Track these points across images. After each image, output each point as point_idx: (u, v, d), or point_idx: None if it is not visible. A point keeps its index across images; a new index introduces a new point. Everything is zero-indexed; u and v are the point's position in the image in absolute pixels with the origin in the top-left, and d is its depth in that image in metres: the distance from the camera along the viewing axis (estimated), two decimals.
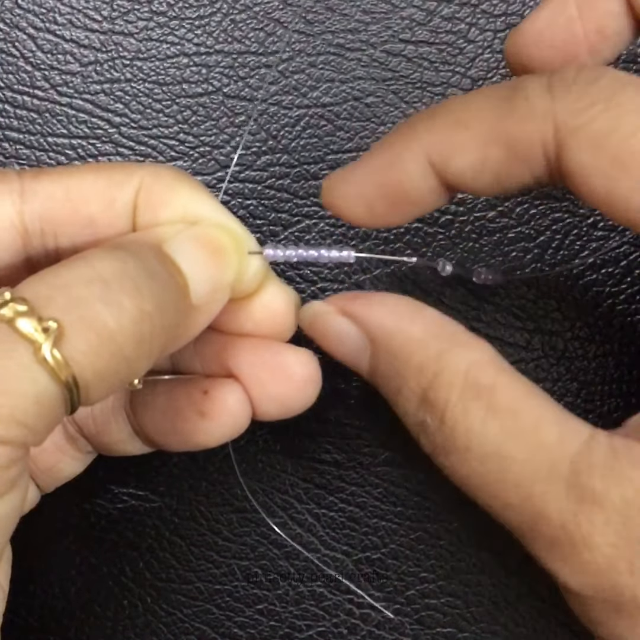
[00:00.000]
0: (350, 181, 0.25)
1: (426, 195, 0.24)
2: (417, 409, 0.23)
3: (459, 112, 0.23)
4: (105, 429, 0.28)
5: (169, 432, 0.27)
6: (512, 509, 0.22)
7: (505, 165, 0.23)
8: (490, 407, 0.22)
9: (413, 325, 0.24)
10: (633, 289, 0.31)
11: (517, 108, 0.22)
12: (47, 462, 0.28)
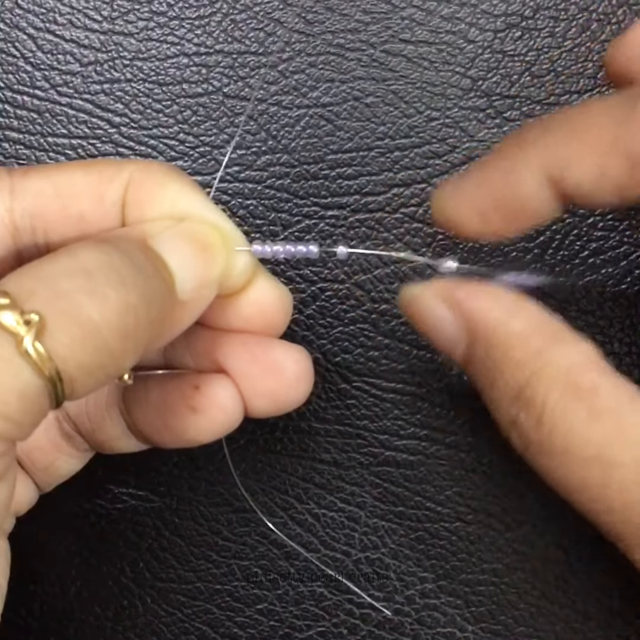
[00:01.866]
0: (464, 193, 0.24)
1: (542, 207, 0.24)
2: (511, 404, 0.23)
3: (576, 121, 0.23)
4: (100, 426, 0.28)
5: (161, 428, 0.27)
6: (615, 514, 0.21)
7: (627, 175, 0.22)
8: (593, 409, 0.21)
9: (515, 319, 0.23)
10: (633, 289, 0.31)
11: (637, 117, 0.22)
12: (44, 460, 0.28)
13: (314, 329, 0.32)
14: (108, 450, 0.29)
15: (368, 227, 0.32)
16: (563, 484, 0.22)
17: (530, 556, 0.32)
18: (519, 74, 0.31)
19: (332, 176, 0.32)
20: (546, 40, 0.31)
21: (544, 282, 0.26)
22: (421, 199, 0.32)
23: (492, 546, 0.32)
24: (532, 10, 0.31)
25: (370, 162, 0.32)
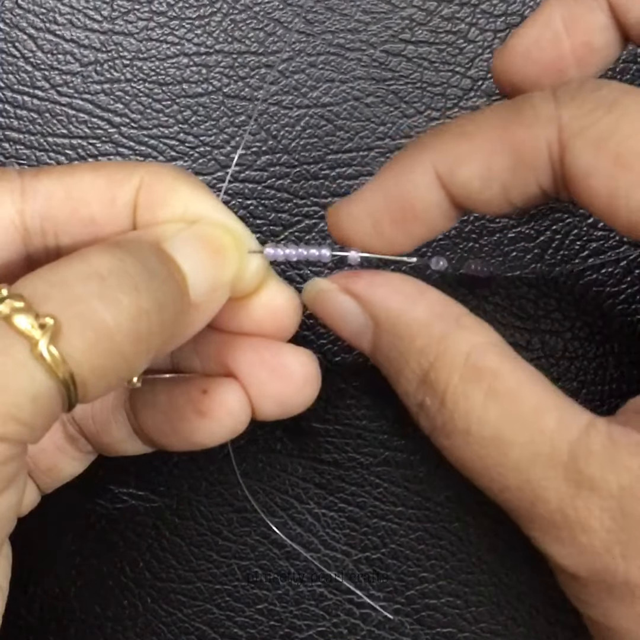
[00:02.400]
0: (355, 201, 0.25)
1: (433, 210, 0.24)
2: (417, 389, 0.23)
3: (465, 125, 0.24)
4: (105, 429, 0.28)
5: (168, 432, 0.27)
6: (511, 491, 0.22)
7: (511, 173, 0.23)
8: (491, 390, 0.22)
9: (416, 306, 0.24)
10: (633, 289, 0.31)
11: (522, 115, 0.23)
12: (48, 462, 0.28)
13: (314, 329, 0.32)
14: (112, 453, 0.29)
15: None
16: (464, 465, 0.23)
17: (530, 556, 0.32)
18: None
19: (332, 176, 0.32)
20: None
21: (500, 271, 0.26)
22: None
23: (492, 546, 0.32)
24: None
25: (370, 162, 0.32)
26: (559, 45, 0.26)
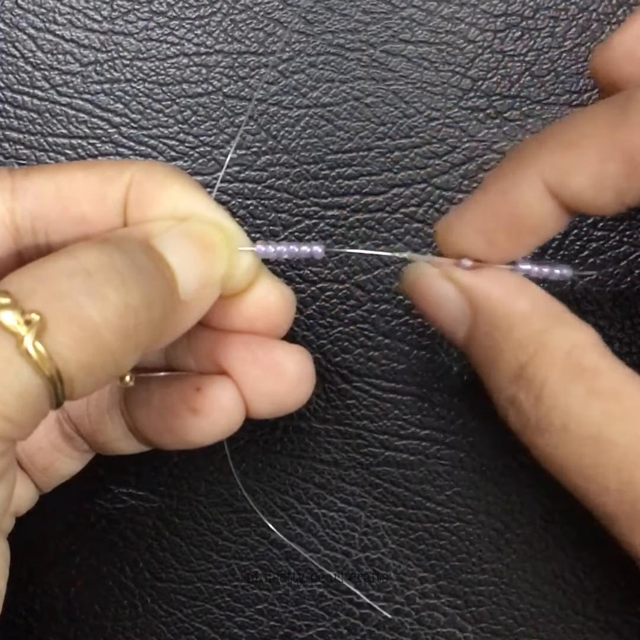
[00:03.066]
0: (465, 218, 0.24)
1: (546, 220, 0.24)
2: (511, 383, 0.23)
3: (569, 131, 0.23)
4: (101, 427, 0.28)
5: (162, 430, 0.27)
6: (610, 494, 0.21)
7: (625, 179, 0.22)
8: (593, 389, 0.22)
9: (519, 299, 0.24)
10: (633, 289, 0.31)
11: (629, 117, 0.22)
12: (44, 461, 0.28)
13: (314, 329, 0.32)
14: (108, 452, 0.29)
15: (368, 227, 0.32)
16: (559, 463, 0.22)
17: (530, 556, 0.32)
18: (519, 74, 0.31)
19: (332, 176, 0.32)
20: (546, 40, 0.31)
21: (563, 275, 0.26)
22: (421, 199, 0.32)
23: (492, 546, 0.32)
24: (532, 10, 0.31)
25: (370, 162, 0.32)
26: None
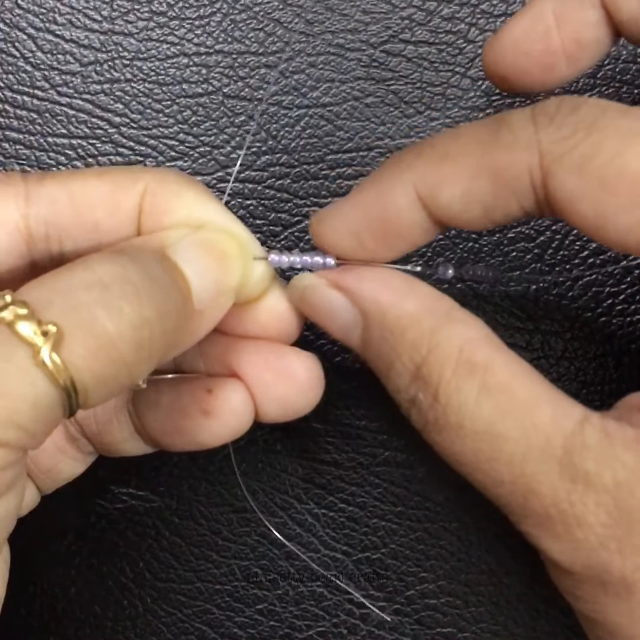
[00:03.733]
0: (339, 215, 0.25)
1: (415, 228, 0.24)
2: (409, 384, 0.23)
3: (446, 146, 0.23)
4: (107, 429, 0.28)
5: (172, 431, 0.27)
6: (504, 486, 0.22)
7: (492, 196, 0.23)
8: (484, 384, 0.22)
9: (407, 300, 0.24)
10: (633, 289, 0.31)
11: (501, 139, 0.22)
12: (48, 463, 0.28)
13: (314, 329, 0.32)
14: (113, 453, 0.29)
15: None
16: (457, 459, 0.23)
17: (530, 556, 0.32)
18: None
19: (332, 176, 0.32)
20: None
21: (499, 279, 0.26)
22: None
23: (492, 546, 0.32)
24: None
25: (370, 162, 0.32)
26: (549, 40, 0.26)
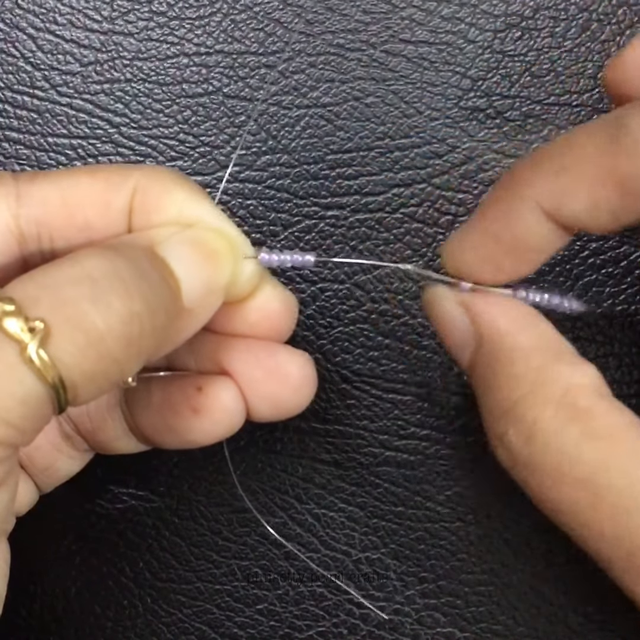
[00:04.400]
0: (468, 245, 0.25)
1: (547, 240, 0.24)
2: (501, 418, 0.23)
3: (562, 156, 0.23)
4: (101, 427, 0.28)
5: (163, 430, 0.27)
6: (606, 540, 0.21)
7: (619, 203, 0.22)
8: (588, 431, 0.21)
9: (522, 333, 0.23)
10: (633, 289, 0.31)
11: (621, 145, 0.22)
12: (45, 461, 0.28)
13: (314, 329, 0.32)
14: (108, 451, 0.29)
15: (368, 227, 0.32)
16: (552, 506, 0.22)
17: (530, 556, 0.32)
18: (519, 74, 0.31)
19: (332, 176, 0.32)
20: (546, 40, 0.31)
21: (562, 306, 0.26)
22: (421, 199, 0.32)
23: (492, 546, 0.32)
24: (532, 10, 0.31)
25: (370, 162, 0.32)
26: None
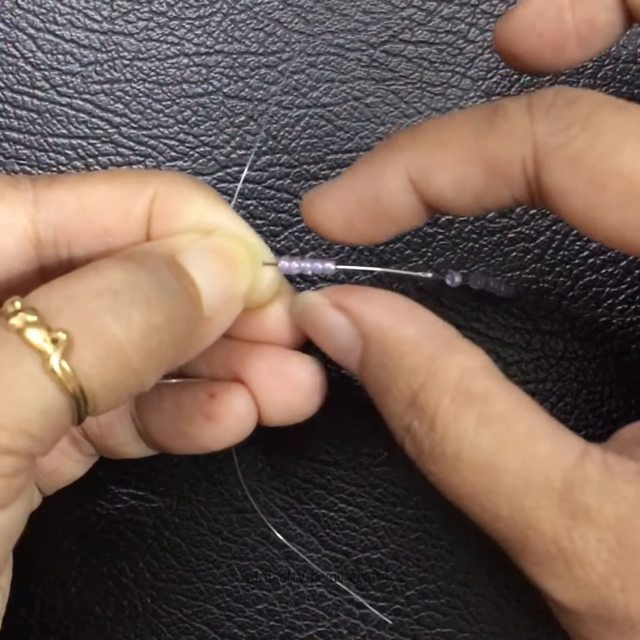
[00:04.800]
0: (330, 196, 0.25)
1: (405, 212, 0.24)
2: (405, 411, 0.23)
3: (439, 131, 0.23)
4: (110, 432, 0.28)
5: (174, 435, 0.27)
6: (502, 521, 0.21)
7: (484, 184, 0.23)
8: (483, 415, 0.21)
9: (408, 326, 0.23)
10: (633, 289, 0.31)
11: (496, 128, 0.22)
12: (51, 465, 0.28)
13: None
14: (116, 456, 0.29)
15: None
16: (454, 491, 0.22)
17: None
18: (519, 73, 0.31)
19: (332, 176, 0.32)
20: None
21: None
22: None
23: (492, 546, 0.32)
24: None
25: None
26: (562, 20, 0.25)
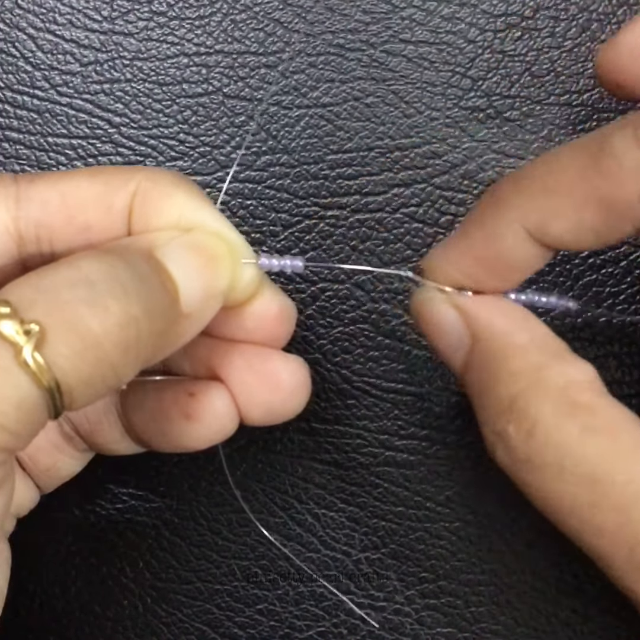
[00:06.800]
0: (449, 261, 0.25)
1: (530, 260, 0.24)
2: (500, 415, 0.22)
3: (545, 178, 0.23)
4: (98, 429, 0.28)
5: (157, 434, 0.27)
6: (607, 535, 0.21)
7: (603, 223, 0.22)
8: (587, 426, 0.21)
9: (519, 332, 0.23)
10: (633, 289, 0.31)
11: (604, 167, 0.22)
12: (46, 461, 0.28)
13: (314, 329, 0.32)
14: (107, 452, 0.29)
15: (368, 227, 0.32)
16: (552, 502, 0.22)
17: (530, 556, 0.32)
18: (519, 74, 0.31)
19: (332, 176, 0.32)
20: (546, 40, 0.31)
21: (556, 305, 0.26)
22: (421, 199, 0.32)
23: (492, 546, 0.32)
24: (532, 10, 0.31)
25: (370, 162, 0.32)
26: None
